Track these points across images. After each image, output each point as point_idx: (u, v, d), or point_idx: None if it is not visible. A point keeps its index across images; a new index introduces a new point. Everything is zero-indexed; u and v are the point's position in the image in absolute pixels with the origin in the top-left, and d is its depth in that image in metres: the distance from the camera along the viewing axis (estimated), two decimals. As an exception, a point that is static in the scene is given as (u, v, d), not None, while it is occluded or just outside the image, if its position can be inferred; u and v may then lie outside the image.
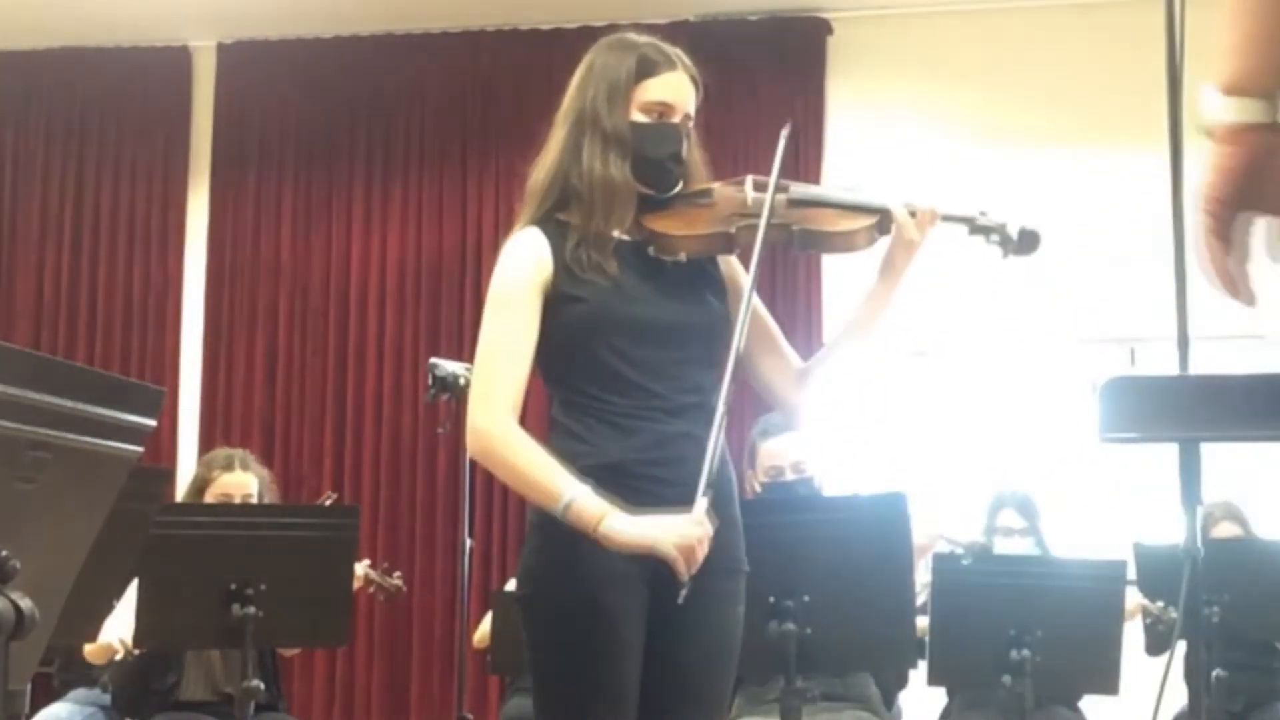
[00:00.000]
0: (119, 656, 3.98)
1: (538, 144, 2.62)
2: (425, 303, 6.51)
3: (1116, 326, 5.97)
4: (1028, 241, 2.59)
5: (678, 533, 2.34)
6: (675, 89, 2.55)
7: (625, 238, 2.54)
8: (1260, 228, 1.40)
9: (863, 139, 6.31)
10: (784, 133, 2.60)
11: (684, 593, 2.36)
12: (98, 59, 6.75)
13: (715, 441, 2.39)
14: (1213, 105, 1.37)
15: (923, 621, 3.68)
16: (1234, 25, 1.35)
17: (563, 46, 6.13)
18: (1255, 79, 1.35)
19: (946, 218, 2.60)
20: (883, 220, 2.56)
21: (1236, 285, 1.42)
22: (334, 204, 6.63)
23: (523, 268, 2.50)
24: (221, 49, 6.75)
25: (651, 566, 2.43)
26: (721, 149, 6.07)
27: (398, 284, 6.54)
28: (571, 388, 2.50)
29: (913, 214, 2.56)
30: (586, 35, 2.70)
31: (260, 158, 6.69)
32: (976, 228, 2.61)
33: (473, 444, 2.48)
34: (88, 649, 3.94)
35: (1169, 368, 2.81)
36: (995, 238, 2.60)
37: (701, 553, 2.35)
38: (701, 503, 2.35)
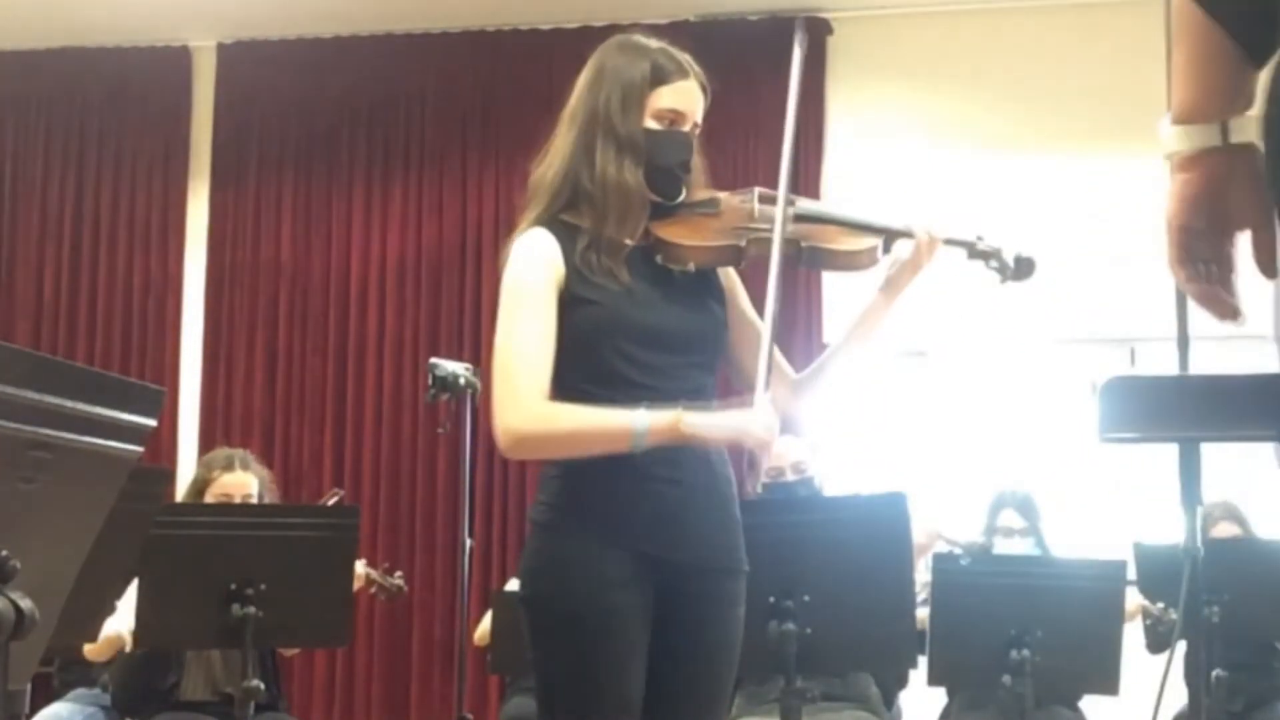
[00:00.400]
0: (128, 648, 3.97)
1: (538, 143, 2.61)
2: (425, 302, 6.51)
3: (1116, 326, 5.98)
4: (1024, 268, 2.69)
5: (757, 423, 2.40)
6: (687, 97, 2.56)
7: (633, 244, 2.54)
8: (1244, 241, 1.39)
9: (862, 139, 6.31)
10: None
11: (760, 484, 2.45)
12: (98, 59, 6.75)
13: (768, 344, 2.47)
14: (1167, 134, 1.37)
15: (922, 613, 3.68)
16: (1177, 50, 1.34)
17: (563, 46, 6.13)
18: (1201, 104, 1.34)
19: (947, 241, 2.66)
20: (887, 241, 2.61)
21: (1220, 307, 1.41)
22: (334, 204, 6.64)
23: (538, 267, 2.49)
24: (221, 49, 6.75)
25: (653, 566, 2.44)
26: (721, 149, 6.08)
27: (398, 283, 6.54)
28: (575, 387, 2.50)
29: (918, 236, 2.62)
30: (586, 35, 2.71)
31: (260, 158, 6.69)
32: (975, 252, 2.70)
33: (512, 443, 2.43)
34: (88, 648, 3.94)
35: (1169, 368, 2.81)
36: (994, 264, 2.69)
37: (774, 442, 2.44)
38: (764, 396, 2.43)
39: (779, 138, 2.61)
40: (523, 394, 2.42)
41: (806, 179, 6.08)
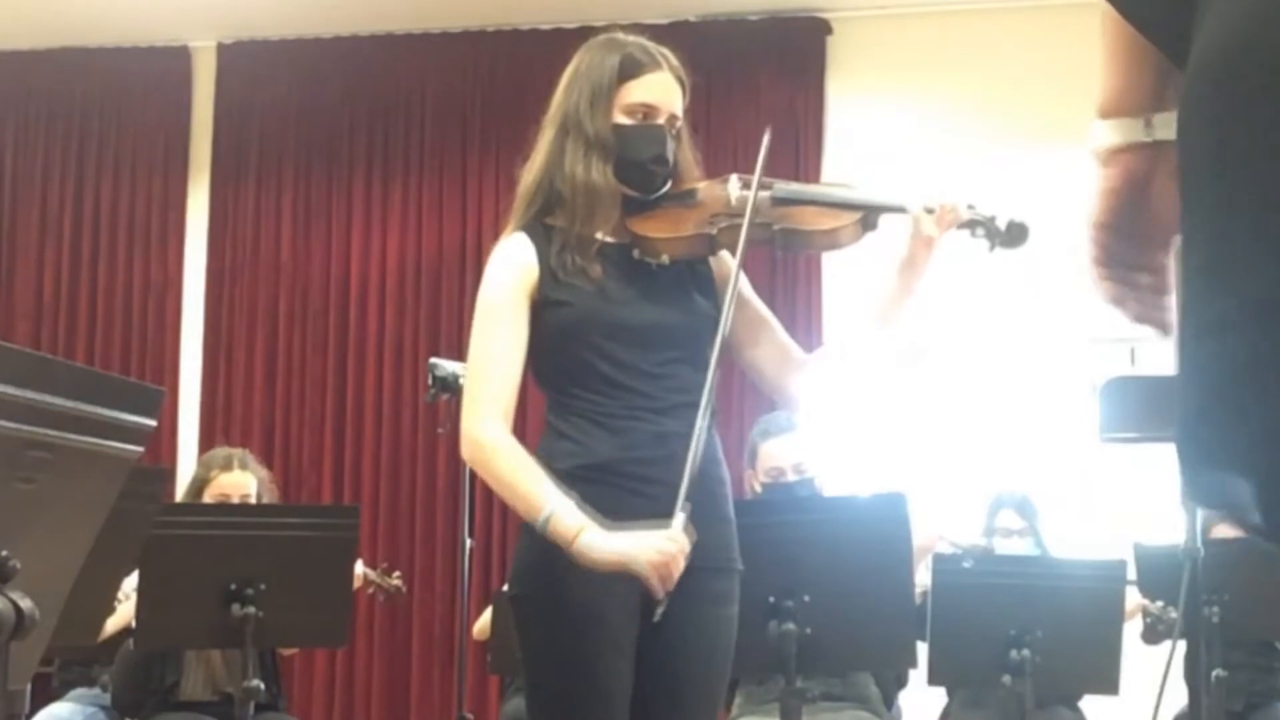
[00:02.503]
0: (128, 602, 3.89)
1: (534, 145, 2.62)
2: (425, 303, 6.51)
3: (1116, 326, 5.95)
4: (1016, 234, 2.55)
5: (653, 549, 2.32)
6: (659, 90, 2.54)
7: (610, 240, 2.54)
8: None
9: (862, 138, 6.31)
10: (765, 138, 2.59)
11: (660, 610, 2.35)
12: (98, 59, 6.75)
13: (694, 453, 2.37)
14: (1093, 132, 1.31)
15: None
16: (1102, 43, 1.28)
17: (563, 46, 6.05)
18: (1124, 96, 1.28)
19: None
20: (868, 216, 2.54)
21: (1133, 310, 1.35)
22: (334, 204, 6.63)
23: (508, 274, 2.51)
24: (221, 49, 6.75)
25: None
26: (721, 148, 6.09)
27: (398, 284, 6.54)
28: (560, 390, 2.51)
29: (930, 210, 2.54)
30: (586, 35, 2.70)
31: (260, 157, 6.69)
32: (963, 221, 2.56)
33: (465, 451, 2.50)
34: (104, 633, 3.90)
35: (1169, 368, 2.80)
36: (981, 231, 2.56)
37: (677, 570, 2.34)
38: (679, 518, 2.34)
39: (779, 138, 2.60)
40: (481, 410, 2.47)
41: (806, 178, 6.08)
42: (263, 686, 3.62)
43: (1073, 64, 6.21)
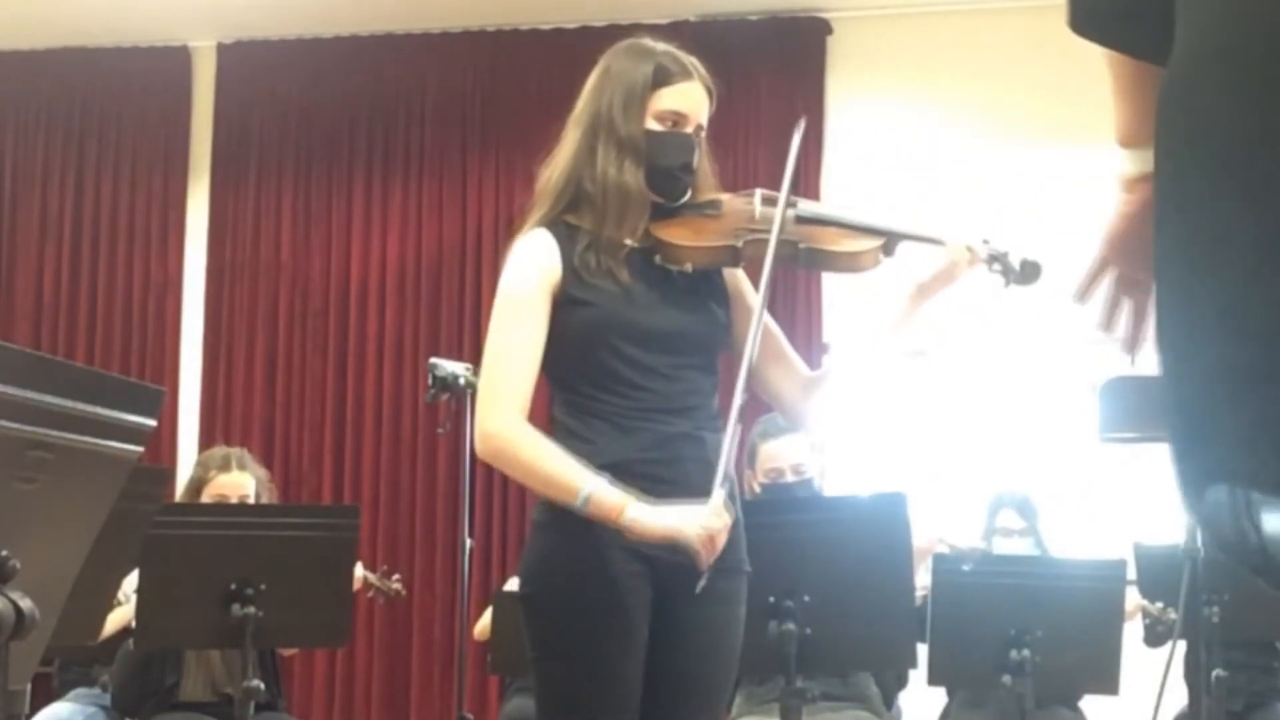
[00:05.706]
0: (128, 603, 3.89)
1: (538, 143, 2.63)
2: (425, 303, 6.51)
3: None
4: (1029, 272, 2.65)
5: (700, 522, 2.35)
6: (690, 99, 2.57)
7: (633, 244, 2.55)
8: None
9: (863, 139, 6.31)
10: (797, 131, 2.62)
11: (702, 582, 2.36)
12: (98, 59, 6.75)
13: (731, 433, 2.41)
14: (1116, 157, 1.38)
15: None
16: (1109, 74, 1.35)
17: (563, 46, 6.14)
18: (1135, 128, 1.34)
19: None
20: (888, 243, 2.59)
21: (1128, 333, 1.47)
22: (334, 204, 6.64)
23: (532, 270, 2.51)
24: (221, 49, 6.75)
25: (653, 565, 2.44)
26: (721, 149, 6.06)
27: (398, 284, 6.54)
28: (573, 388, 2.52)
29: (950, 244, 2.62)
30: (586, 35, 2.71)
31: (260, 158, 6.69)
32: (983, 259, 2.65)
33: (483, 447, 2.48)
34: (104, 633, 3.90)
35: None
36: (998, 267, 2.65)
37: (721, 542, 2.37)
38: (719, 493, 2.38)
39: (779, 138, 2.62)
40: (501, 403, 2.46)
41: (806, 178, 6.08)
42: (263, 686, 3.62)
43: (1073, 64, 6.20)
